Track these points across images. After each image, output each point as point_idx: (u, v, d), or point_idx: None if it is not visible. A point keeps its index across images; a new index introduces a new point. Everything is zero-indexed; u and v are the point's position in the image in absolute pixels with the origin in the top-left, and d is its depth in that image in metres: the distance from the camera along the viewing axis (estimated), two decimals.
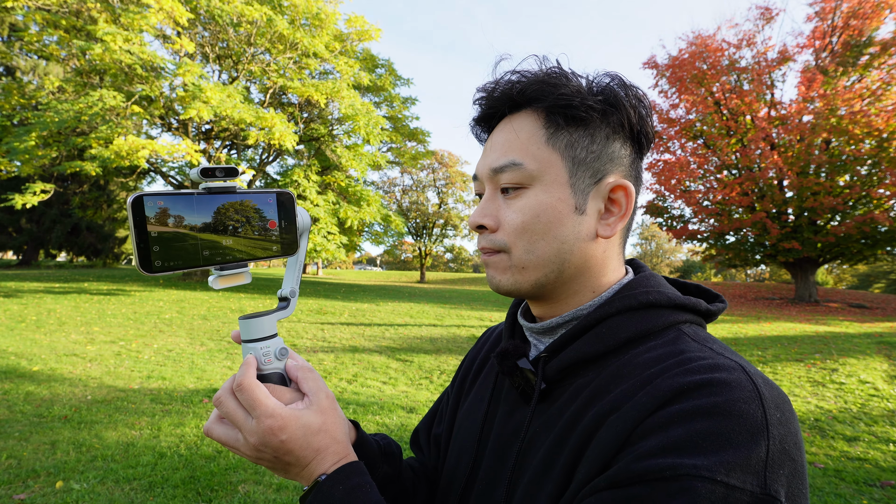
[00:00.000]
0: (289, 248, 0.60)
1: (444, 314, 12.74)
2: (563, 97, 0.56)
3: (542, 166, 0.56)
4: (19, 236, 26.06)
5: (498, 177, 0.58)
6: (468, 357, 0.84)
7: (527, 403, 0.60)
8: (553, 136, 0.57)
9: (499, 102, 0.60)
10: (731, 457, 0.40)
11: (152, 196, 0.48)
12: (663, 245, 68.78)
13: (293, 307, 0.63)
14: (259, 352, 0.58)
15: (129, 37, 11.39)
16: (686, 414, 0.43)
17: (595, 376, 0.55)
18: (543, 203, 0.56)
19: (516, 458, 0.57)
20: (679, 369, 0.48)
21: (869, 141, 14.53)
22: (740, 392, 0.44)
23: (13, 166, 12.85)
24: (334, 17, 16.00)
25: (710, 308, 0.60)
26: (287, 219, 0.59)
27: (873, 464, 3.75)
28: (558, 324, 0.61)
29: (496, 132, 0.61)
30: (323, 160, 17.46)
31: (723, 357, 0.49)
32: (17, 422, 4.36)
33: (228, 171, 0.53)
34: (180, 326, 9.84)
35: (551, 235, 0.56)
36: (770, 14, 17.26)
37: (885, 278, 40.45)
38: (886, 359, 7.02)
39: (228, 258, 0.54)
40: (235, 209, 0.55)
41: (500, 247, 0.58)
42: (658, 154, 19.60)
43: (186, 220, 0.50)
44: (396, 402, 5.29)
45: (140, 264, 0.48)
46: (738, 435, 0.41)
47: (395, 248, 48.87)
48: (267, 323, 0.59)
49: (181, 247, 0.50)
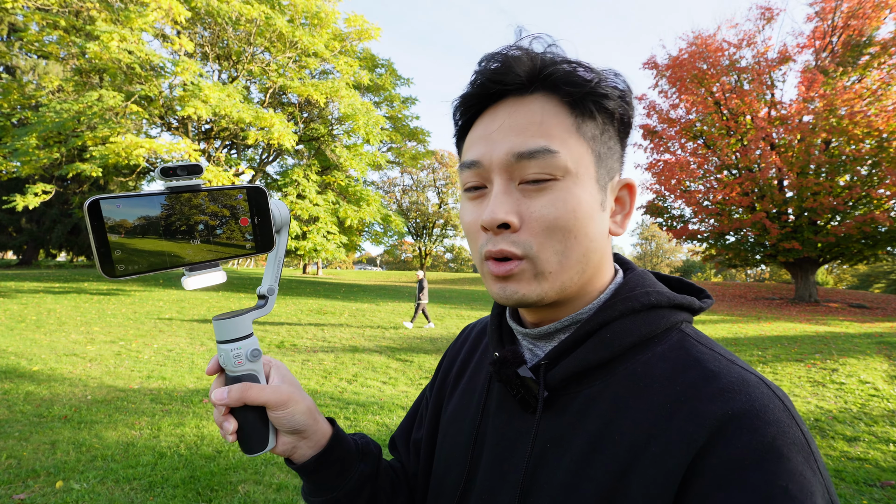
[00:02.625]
0: (264, 245, 0.57)
1: (444, 314, 12.73)
2: (599, 86, 0.50)
3: (575, 157, 0.50)
4: (19, 236, 26.07)
5: (523, 164, 0.49)
6: (446, 357, 0.79)
7: (527, 412, 0.56)
8: (581, 126, 0.51)
9: (516, 78, 0.51)
10: (822, 496, 0.41)
11: (110, 199, 0.47)
12: (663, 245, 68.79)
13: (271, 305, 0.61)
14: (230, 353, 0.56)
15: (125, 35, 11.38)
16: (752, 455, 0.41)
17: (604, 386, 0.52)
18: (578, 197, 0.50)
19: (525, 472, 0.53)
20: (710, 388, 0.46)
21: (869, 141, 14.53)
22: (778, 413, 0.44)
23: (13, 167, 12.85)
24: (334, 15, 16.00)
25: (702, 305, 0.58)
26: (260, 215, 0.56)
27: (873, 464, 3.75)
28: (557, 329, 0.56)
29: (505, 112, 0.52)
30: (323, 160, 17.46)
31: (737, 367, 0.48)
32: (17, 422, 4.36)
33: (191, 169, 0.51)
34: (180, 326, 9.84)
35: (583, 233, 0.50)
36: (770, 14, 17.27)
37: (886, 278, 40.47)
38: (886, 359, 7.02)
39: (197, 259, 0.52)
40: (201, 208, 0.52)
41: (524, 250, 0.50)
42: (658, 154, 19.61)
43: (148, 221, 0.49)
44: (396, 402, 5.29)
45: (101, 269, 0.46)
46: (807, 468, 0.41)
47: (395, 248, 48.90)
48: (241, 323, 0.57)
49: (144, 249, 0.49)
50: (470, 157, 0.53)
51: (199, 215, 0.52)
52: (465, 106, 0.55)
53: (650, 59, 19.23)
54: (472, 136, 0.55)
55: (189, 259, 0.52)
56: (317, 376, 6.43)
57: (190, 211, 0.52)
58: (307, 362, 7.21)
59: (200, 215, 0.52)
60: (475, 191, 0.54)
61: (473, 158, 0.53)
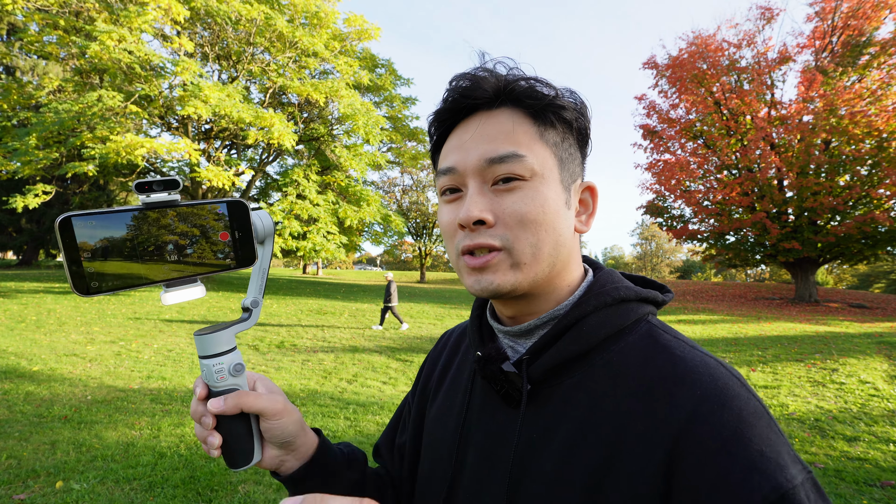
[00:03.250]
0: (245, 259, 0.56)
1: (444, 314, 12.73)
2: (557, 98, 0.57)
3: (540, 161, 0.56)
4: (19, 236, 26.06)
5: (494, 167, 0.55)
6: (427, 362, 0.81)
7: (511, 406, 0.59)
8: (544, 134, 0.57)
9: (484, 93, 0.57)
10: (787, 453, 0.46)
11: (83, 217, 0.46)
12: (663, 245, 68.80)
13: (255, 319, 0.60)
14: (212, 369, 0.56)
15: (125, 35, 11.38)
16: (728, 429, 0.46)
17: (583, 375, 0.55)
18: (545, 195, 0.55)
19: (513, 464, 0.56)
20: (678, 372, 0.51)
21: (869, 141, 14.54)
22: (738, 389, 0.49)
23: (13, 167, 12.85)
24: (333, 15, 16.00)
25: (665, 298, 0.63)
26: (241, 229, 0.55)
27: (873, 464, 3.75)
28: (536, 325, 0.60)
29: (475, 124, 0.58)
30: (323, 160, 17.46)
31: (699, 353, 0.54)
32: (17, 422, 4.36)
33: (168, 184, 0.50)
34: (180, 326, 9.84)
35: (552, 228, 0.56)
36: (770, 14, 17.28)
37: (885, 278, 40.48)
38: (886, 359, 7.02)
39: (173, 275, 0.52)
40: (177, 224, 0.52)
41: (501, 242, 0.55)
42: (658, 154, 19.62)
43: (122, 238, 0.48)
44: (396, 402, 5.29)
45: (74, 286, 0.46)
46: (770, 431, 0.47)
47: (395, 248, 48.90)
48: (222, 338, 0.56)
49: (118, 266, 0.48)
50: (446, 164, 0.59)
51: (174, 232, 0.52)
52: (440, 120, 0.61)
53: (650, 59, 19.24)
54: (447, 147, 0.60)
55: (164, 276, 0.51)
56: (317, 376, 6.43)
57: (165, 228, 0.51)
58: (307, 362, 7.21)
59: (175, 232, 0.52)
60: (451, 194, 0.59)
61: (449, 165, 0.58)
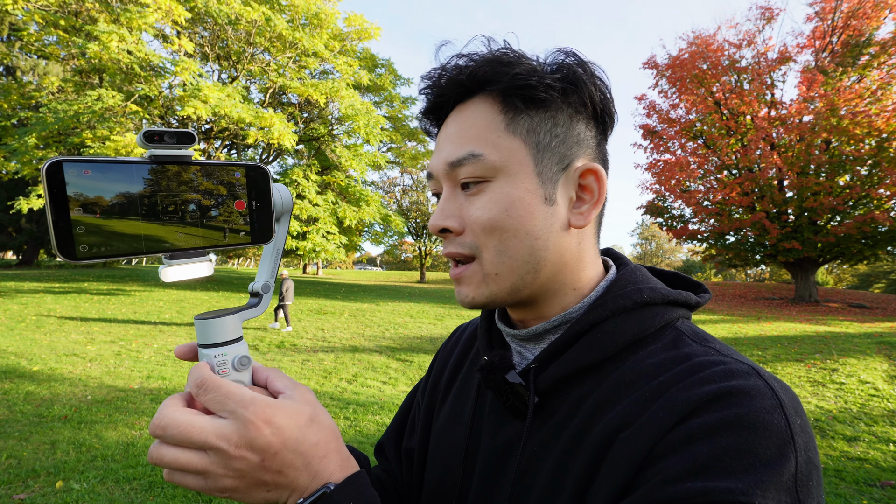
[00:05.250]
0: (262, 234, 0.49)
1: (444, 314, 12.73)
2: (519, 77, 0.50)
3: (505, 155, 0.51)
4: (19, 236, 26.08)
5: (456, 171, 0.52)
6: (438, 359, 0.76)
7: (517, 418, 0.54)
8: (513, 122, 0.51)
9: (448, 90, 0.54)
10: (764, 475, 0.38)
11: (76, 163, 0.38)
12: (663, 245, 68.81)
13: (265, 305, 0.52)
14: (213, 360, 0.46)
15: (125, 35, 11.38)
16: (709, 429, 0.41)
17: (595, 386, 0.50)
18: (510, 196, 0.51)
19: (514, 480, 0.52)
20: (693, 378, 0.45)
21: (869, 141, 14.54)
22: (762, 401, 0.41)
23: (13, 167, 12.85)
24: (333, 16, 16.01)
25: (699, 300, 0.56)
26: (259, 199, 0.49)
27: (873, 464, 3.75)
28: (546, 329, 0.55)
29: (448, 123, 0.55)
30: (323, 160, 17.46)
31: (732, 360, 0.46)
32: (17, 422, 4.36)
33: (181, 137, 0.44)
34: (180, 326, 9.84)
35: (523, 231, 0.51)
36: (770, 14, 17.28)
37: (885, 278, 40.48)
38: (886, 359, 7.02)
39: (179, 244, 0.44)
40: (190, 184, 0.44)
41: (471, 250, 0.52)
42: (658, 154, 19.62)
43: (123, 195, 0.41)
44: (396, 402, 5.29)
45: (59, 249, 0.38)
46: (767, 450, 0.39)
47: (395, 248, 48.92)
48: (227, 324, 0.47)
49: (115, 229, 0.40)
50: (427, 169, 0.58)
51: (187, 193, 0.44)
52: (428, 121, 0.60)
53: (650, 59, 19.24)
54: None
55: (170, 244, 0.43)
56: (317, 376, 6.43)
57: (176, 187, 0.44)
58: (307, 362, 7.21)
59: (188, 193, 0.44)
60: (437, 198, 0.58)
61: (429, 170, 0.58)
